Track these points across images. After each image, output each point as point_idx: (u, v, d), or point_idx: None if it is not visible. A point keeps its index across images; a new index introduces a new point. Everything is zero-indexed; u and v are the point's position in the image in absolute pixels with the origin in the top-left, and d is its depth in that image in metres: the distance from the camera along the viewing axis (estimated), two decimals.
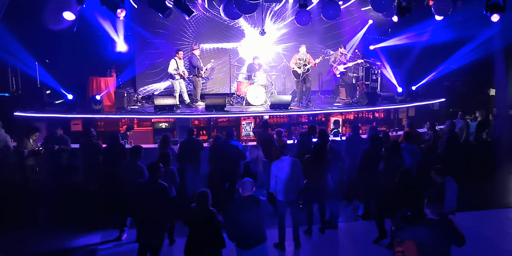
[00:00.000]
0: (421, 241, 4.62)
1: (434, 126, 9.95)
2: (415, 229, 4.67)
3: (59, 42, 10.89)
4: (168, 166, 6.68)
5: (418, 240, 4.65)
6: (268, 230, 5.58)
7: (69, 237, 7.22)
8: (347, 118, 12.53)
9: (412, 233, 4.69)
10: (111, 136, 8.66)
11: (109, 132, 10.40)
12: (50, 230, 7.00)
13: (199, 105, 12.26)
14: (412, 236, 4.70)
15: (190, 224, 5.34)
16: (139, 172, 6.61)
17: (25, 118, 10.37)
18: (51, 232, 6.99)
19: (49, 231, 6.97)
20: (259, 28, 12.45)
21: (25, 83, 11.40)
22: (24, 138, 8.75)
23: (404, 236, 4.77)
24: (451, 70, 13.39)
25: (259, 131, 9.45)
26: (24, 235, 7.08)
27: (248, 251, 5.30)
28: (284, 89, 13.49)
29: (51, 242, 6.87)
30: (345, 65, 12.69)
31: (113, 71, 12.75)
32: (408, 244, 4.69)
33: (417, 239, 4.66)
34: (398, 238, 4.85)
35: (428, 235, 4.58)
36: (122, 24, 11.96)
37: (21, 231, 7.20)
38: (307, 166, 7.08)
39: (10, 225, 7.34)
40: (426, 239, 4.59)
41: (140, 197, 5.64)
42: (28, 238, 7.01)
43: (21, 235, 7.09)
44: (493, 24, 10.05)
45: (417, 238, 4.66)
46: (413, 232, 4.68)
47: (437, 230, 4.59)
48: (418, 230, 4.64)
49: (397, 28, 13.44)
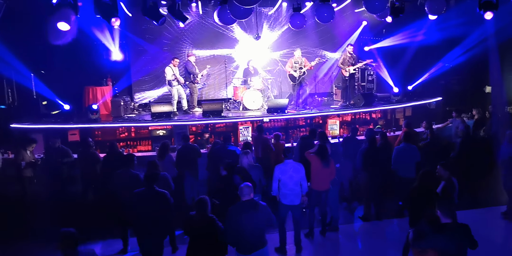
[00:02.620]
0: (443, 249, 4.51)
1: (431, 125, 9.96)
2: (436, 237, 4.57)
3: (54, 52, 10.85)
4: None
5: (440, 248, 4.52)
6: (268, 234, 5.56)
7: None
8: (344, 119, 12.53)
9: (433, 241, 4.56)
10: (110, 145, 8.65)
11: (107, 141, 10.40)
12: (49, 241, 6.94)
13: (196, 111, 12.25)
14: (434, 244, 4.55)
15: (191, 231, 5.32)
16: (134, 180, 6.58)
17: (21, 130, 10.32)
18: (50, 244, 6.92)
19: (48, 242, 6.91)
20: (254, 33, 12.50)
21: (21, 94, 11.38)
22: (21, 150, 8.73)
23: (425, 245, 4.61)
24: (446, 69, 13.43)
25: (255, 135, 9.46)
26: (23, 247, 7.03)
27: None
28: (280, 92, 13.49)
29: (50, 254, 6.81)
30: (355, 65, 12.61)
31: (109, 80, 12.74)
32: (429, 253, 4.55)
33: (439, 247, 4.52)
34: (419, 248, 4.66)
35: (449, 242, 4.50)
36: (117, 32, 11.96)
37: (19, 243, 7.15)
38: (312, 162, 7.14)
39: (8, 237, 7.30)
40: (448, 246, 4.50)
41: (140, 206, 5.60)
42: (26, 249, 6.97)
43: (19, 247, 7.04)
44: (486, 22, 10.10)
45: (439, 246, 4.53)
46: (435, 240, 4.56)
47: (457, 236, 4.55)
48: (439, 238, 4.54)
49: (391, 29, 13.47)
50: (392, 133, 11.32)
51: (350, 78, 12.68)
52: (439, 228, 4.62)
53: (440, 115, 12.93)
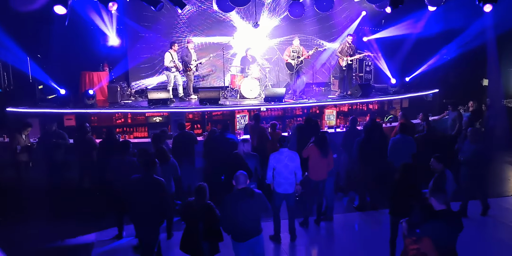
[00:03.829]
0: (438, 236, 4.53)
1: (427, 117, 9.98)
2: (431, 225, 4.56)
3: (51, 36, 10.78)
4: (168, 160, 6.74)
5: (435, 235, 4.53)
6: (263, 223, 5.59)
7: (65, 233, 7.19)
8: (341, 110, 12.54)
9: (428, 229, 4.56)
10: (107, 131, 8.62)
11: (103, 127, 10.37)
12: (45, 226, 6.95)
13: (193, 99, 12.20)
14: (429, 232, 4.56)
15: (188, 218, 5.35)
16: (130, 167, 6.59)
17: (17, 114, 10.29)
18: (46, 228, 6.94)
19: (44, 227, 6.93)
20: (252, 21, 12.41)
21: (17, 78, 11.29)
22: (17, 134, 8.70)
23: (421, 233, 4.61)
24: (444, 61, 13.42)
25: (251, 124, 9.45)
26: (19, 232, 7.03)
27: (243, 243, 5.31)
28: (278, 81, 13.45)
29: (46, 239, 6.83)
30: (352, 57, 12.57)
31: (105, 66, 12.66)
32: (424, 241, 4.56)
33: (434, 234, 4.53)
34: (413, 236, 4.67)
35: (444, 228, 4.52)
36: (114, 17, 11.85)
37: (15, 227, 7.15)
38: (311, 153, 7.15)
39: (3, 221, 7.30)
40: (443, 233, 4.52)
41: (136, 193, 5.60)
42: (22, 234, 6.96)
43: (15, 232, 7.04)
44: (485, 14, 10.09)
45: (434, 233, 4.53)
46: (430, 228, 4.56)
47: (451, 221, 4.57)
48: (434, 225, 4.55)
49: (390, 19, 13.40)
50: (389, 124, 11.35)
51: (347, 68, 12.65)
52: (434, 215, 4.63)
53: (437, 107, 12.95)
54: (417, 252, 4.63)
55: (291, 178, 6.79)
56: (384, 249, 6.33)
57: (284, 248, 6.83)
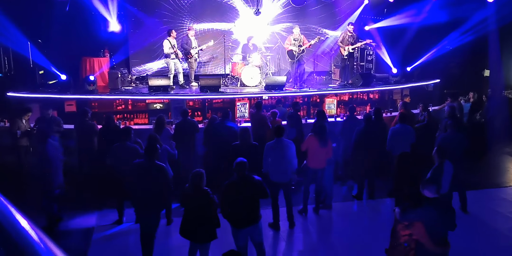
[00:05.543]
0: (430, 221, 4.53)
1: (427, 107, 9.99)
2: (423, 210, 4.57)
3: (52, 22, 10.73)
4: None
5: (427, 220, 4.54)
6: (262, 210, 5.64)
7: (64, 218, 7.26)
8: (342, 99, 12.53)
9: (420, 213, 4.57)
10: (105, 118, 8.63)
11: (103, 113, 10.36)
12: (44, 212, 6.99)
13: (193, 86, 12.18)
14: (421, 216, 4.57)
15: (185, 204, 5.39)
16: (132, 153, 6.61)
17: (18, 99, 10.28)
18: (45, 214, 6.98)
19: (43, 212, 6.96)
20: (254, 8, 12.34)
21: (18, 63, 11.28)
22: (17, 119, 8.71)
23: (412, 218, 4.63)
24: (446, 51, 13.37)
25: (252, 112, 9.44)
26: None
27: (242, 230, 5.38)
28: (279, 70, 13.42)
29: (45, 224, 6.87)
30: (354, 45, 12.51)
31: (106, 52, 12.62)
32: (416, 226, 4.59)
33: (426, 219, 4.54)
34: (405, 221, 4.69)
35: (436, 213, 4.53)
36: (115, 3, 11.78)
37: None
38: (310, 145, 7.18)
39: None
40: (435, 218, 4.53)
41: (138, 178, 5.63)
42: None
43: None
44: (488, 4, 10.04)
45: (426, 218, 4.54)
46: (421, 212, 4.57)
47: (442, 208, 4.60)
48: (426, 210, 4.56)
49: (392, 9, 13.35)
50: (389, 114, 11.35)
51: (349, 57, 12.60)
52: (425, 201, 4.64)
53: (438, 97, 12.93)
54: (409, 238, 4.66)
55: (286, 166, 6.83)
56: (382, 237, 6.37)
57: (282, 235, 6.89)
